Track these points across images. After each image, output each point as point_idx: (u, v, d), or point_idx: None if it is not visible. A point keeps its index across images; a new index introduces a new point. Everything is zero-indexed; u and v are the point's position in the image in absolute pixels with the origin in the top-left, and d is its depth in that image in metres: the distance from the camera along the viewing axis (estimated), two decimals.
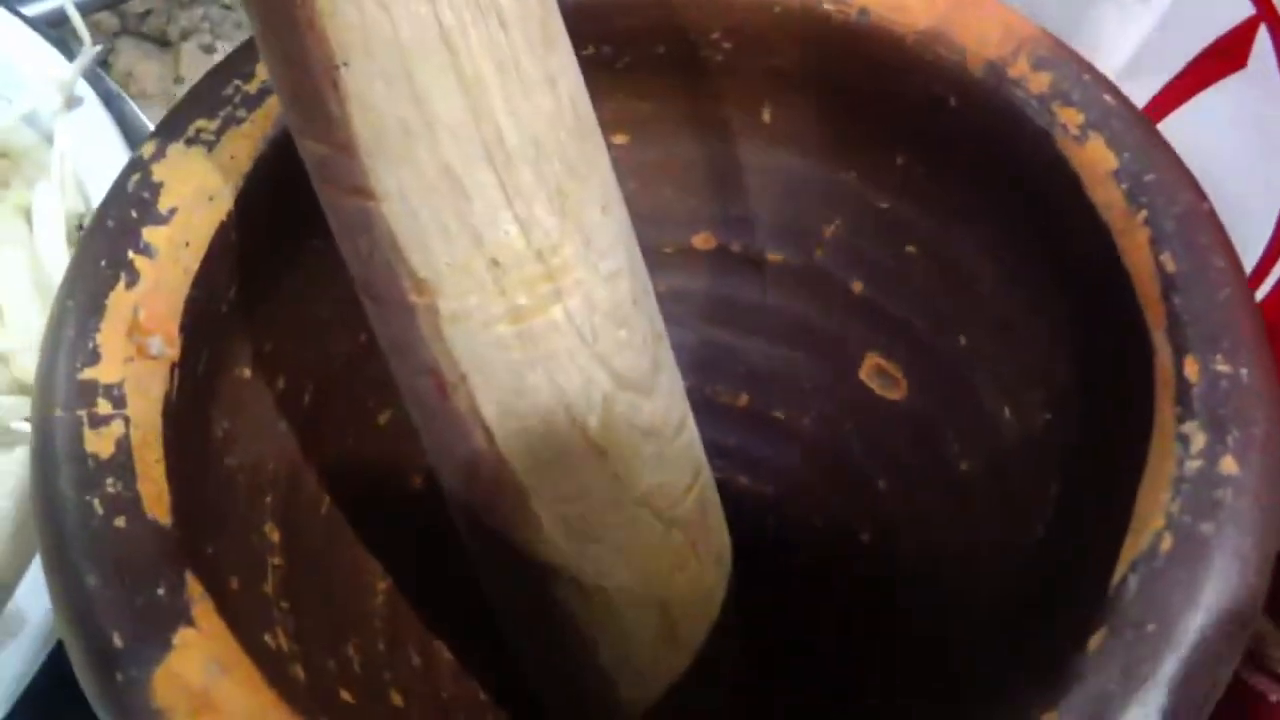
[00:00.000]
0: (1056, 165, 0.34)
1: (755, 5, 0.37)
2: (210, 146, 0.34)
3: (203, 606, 0.28)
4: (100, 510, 0.29)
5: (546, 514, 0.34)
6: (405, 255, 0.30)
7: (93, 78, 0.44)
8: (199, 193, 0.33)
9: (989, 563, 0.38)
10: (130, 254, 0.32)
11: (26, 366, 0.39)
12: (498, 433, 0.33)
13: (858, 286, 0.41)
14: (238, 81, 0.35)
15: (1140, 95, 0.42)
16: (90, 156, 0.43)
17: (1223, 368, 0.30)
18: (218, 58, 0.58)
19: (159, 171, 0.33)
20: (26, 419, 0.39)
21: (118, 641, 0.27)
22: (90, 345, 0.31)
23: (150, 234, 0.32)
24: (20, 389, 0.40)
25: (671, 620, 0.38)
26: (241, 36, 0.61)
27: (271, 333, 0.37)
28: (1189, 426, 0.30)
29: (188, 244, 0.33)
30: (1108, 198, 0.33)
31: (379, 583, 0.40)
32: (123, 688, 0.27)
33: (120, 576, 0.28)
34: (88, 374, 0.30)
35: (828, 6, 0.37)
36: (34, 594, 0.36)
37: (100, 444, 0.30)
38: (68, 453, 0.30)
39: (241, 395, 0.35)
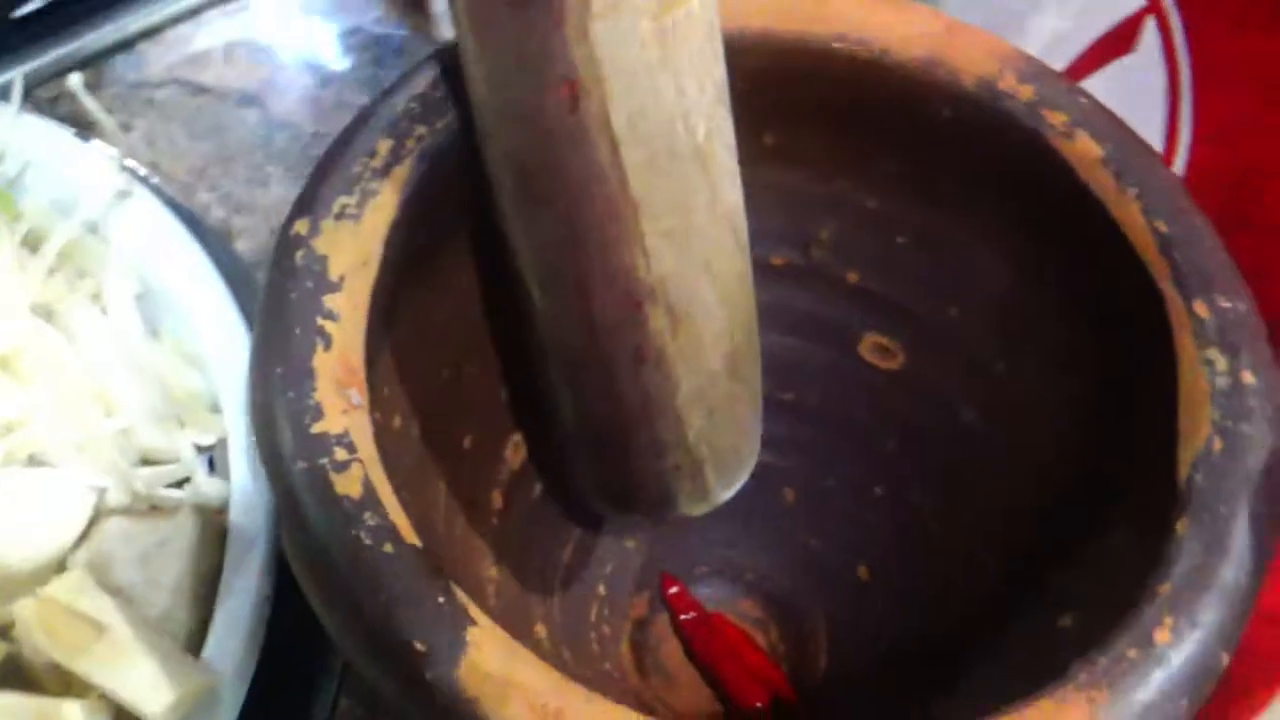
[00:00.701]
0: (1049, 157, 0.41)
1: (765, 49, 0.44)
2: (356, 220, 0.38)
3: (475, 608, 0.33)
4: (368, 541, 0.33)
5: (652, 230, 0.37)
6: None
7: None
8: (356, 260, 0.38)
9: (1005, 494, 0.46)
10: (319, 320, 0.36)
11: (146, 439, 0.43)
12: (623, 141, 0.36)
13: (853, 277, 0.48)
14: (365, 158, 0.39)
15: None
16: (141, 239, 0.46)
17: (1224, 304, 0.38)
18: (136, 136, 0.62)
19: (321, 246, 0.37)
20: (168, 485, 0.42)
21: (420, 647, 0.32)
22: (312, 403, 0.35)
23: (330, 301, 0.37)
24: (145, 459, 0.43)
25: (734, 342, 0.42)
26: (153, 113, 0.65)
27: (387, 379, 0.41)
28: (1211, 353, 0.38)
29: (356, 307, 0.37)
30: (1100, 180, 0.41)
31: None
32: (434, 685, 0.32)
33: (405, 594, 0.33)
34: (317, 428, 0.35)
35: (838, 46, 0.43)
36: (221, 645, 0.39)
37: (349, 486, 0.34)
38: (321, 497, 0.34)
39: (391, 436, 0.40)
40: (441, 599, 0.33)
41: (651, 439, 0.42)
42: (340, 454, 0.35)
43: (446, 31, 0.86)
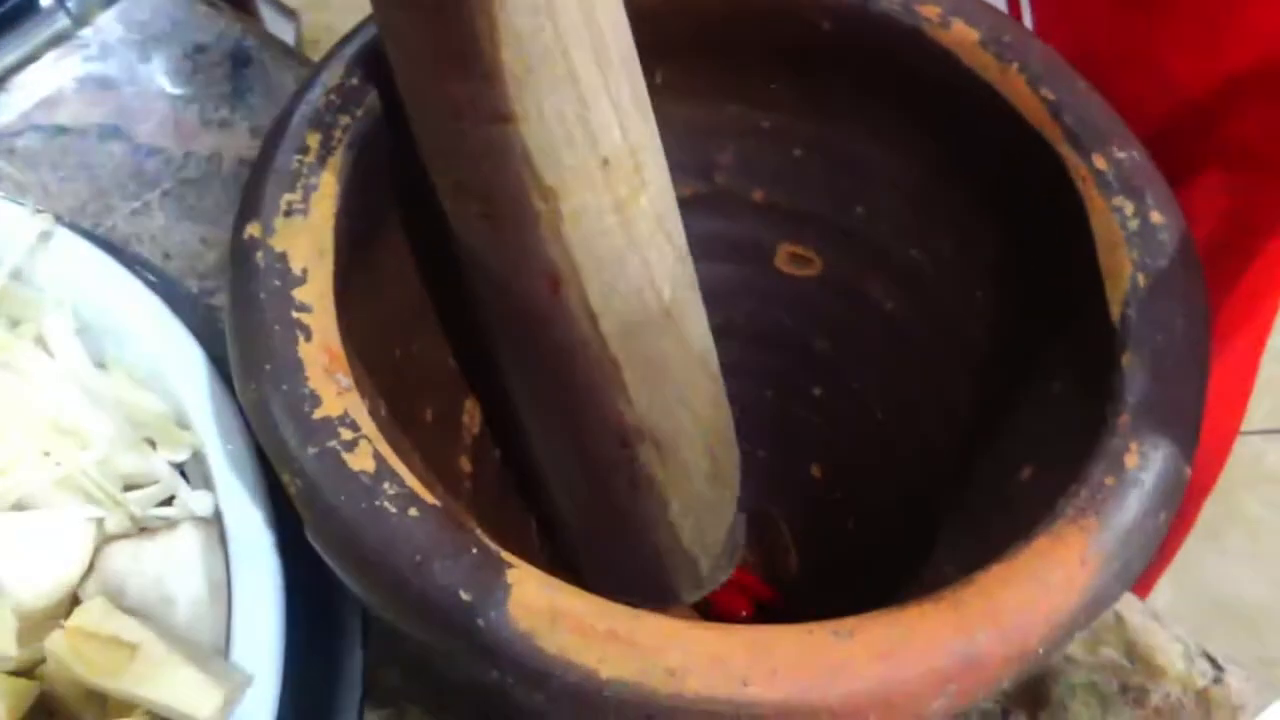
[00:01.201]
0: (931, 49, 0.44)
1: None
2: (305, 214, 0.39)
3: (506, 552, 0.35)
4: (393, 510, 0.35)
5: (633, 380, 0.43)
6: (536, 167, 0.37)
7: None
8: (313, 251, 0.39)
9: (941, 369, 0.49)
10: (294, 313, 0.38)
11: (124, 466, 0.43)
12: (600, 314, 0.41)
13: (759, 195, 0.51)
14: (298, 155, 0.40)
15: None
16: (69, 276, 0.47)
17: (1120, 154, 0.42)
18: (7, 187, 0.62)
19: (278, 243, 0.39)
20: (160, 504, 0.43)
21: (467, 596, 0.34)
22: (307, 391, 0.36)
23: (300, 293, 0.38)
24: (127, 485, 0.44)
25: (715, 459, 0.47)
26: (18, 161, 0.64)
27: (350, 363, 0.42)
28: (1118, 200, 0.41)
29: (322, 295, 0.39)
30: (981, 61, 0.44)
31: None
32: (488, 630, 0.33)
33: (440, 551, 0.34)
34: (319, 414, 0.36)
35: None
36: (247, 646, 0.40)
37: (362, 462, 0.36)
38: (338, 478, 0.35)
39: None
40: (475, 549, 0.35)
41: (650, 546, 0.47)
42: (346, 434, 0.36)
43: (274, 28, 0.87)
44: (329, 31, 1.81)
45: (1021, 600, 0.34)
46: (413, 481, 0.36)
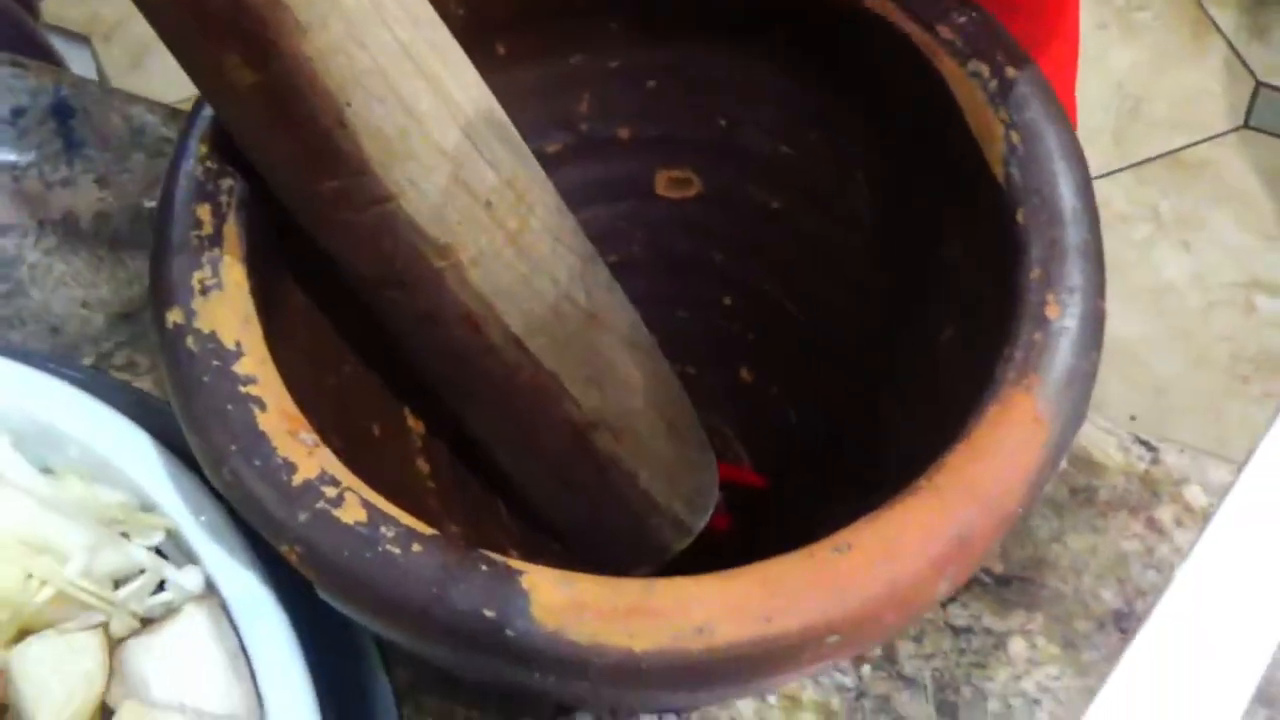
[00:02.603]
0: None
1: None
2: (220, 288, 0.40)
3: (510, 553, 0.37)
4: (397, 551, 0.36)
5: (575, 383, 0.45)
6: (427, 232, 0.40)
7: None
8: (239, 322, 0.40)
9: (839, 253, 0.50)
10: (241, 389, 0.38)
11: (105, 566, 0.44)
12: (526, 337, 0.43)
13: (625, 132, 0.52)
14: (193, 231, 0.41)
15: None
16: None
17: (961, 19, 0.43)
18: None
19: (204, 324, 0.39)
20: (155, 591, 0.44)
21: (490, 613, 0.35)
22: (279, 461, 0.37)
23: (240, 368, 0.39)
24: (115, 582, 0.44)
25: (669, 421, 0.49)
26: None
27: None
28: (972, 64, 0.43)
29: (261, 361, 0.39)
30: None
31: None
32: (519, 637, 0.35)
33: (452, 577, 0.36)
34: (298, 479, 0.37)
35: None
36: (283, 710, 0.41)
37: (354, 513, 0.37)
38: (336, 535, 0.36)
39: None
40: (485, 566, 0.36)
41: (629, 514, 0.49)
42: (330, 491, 0.37)
43: (75, 64, 0.85)
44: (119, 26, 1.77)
45: (993, 471, 0.37)
46: (405, 517, 0.37)
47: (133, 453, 0.45)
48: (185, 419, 0.39)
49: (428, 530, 0.37)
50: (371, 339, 0.47)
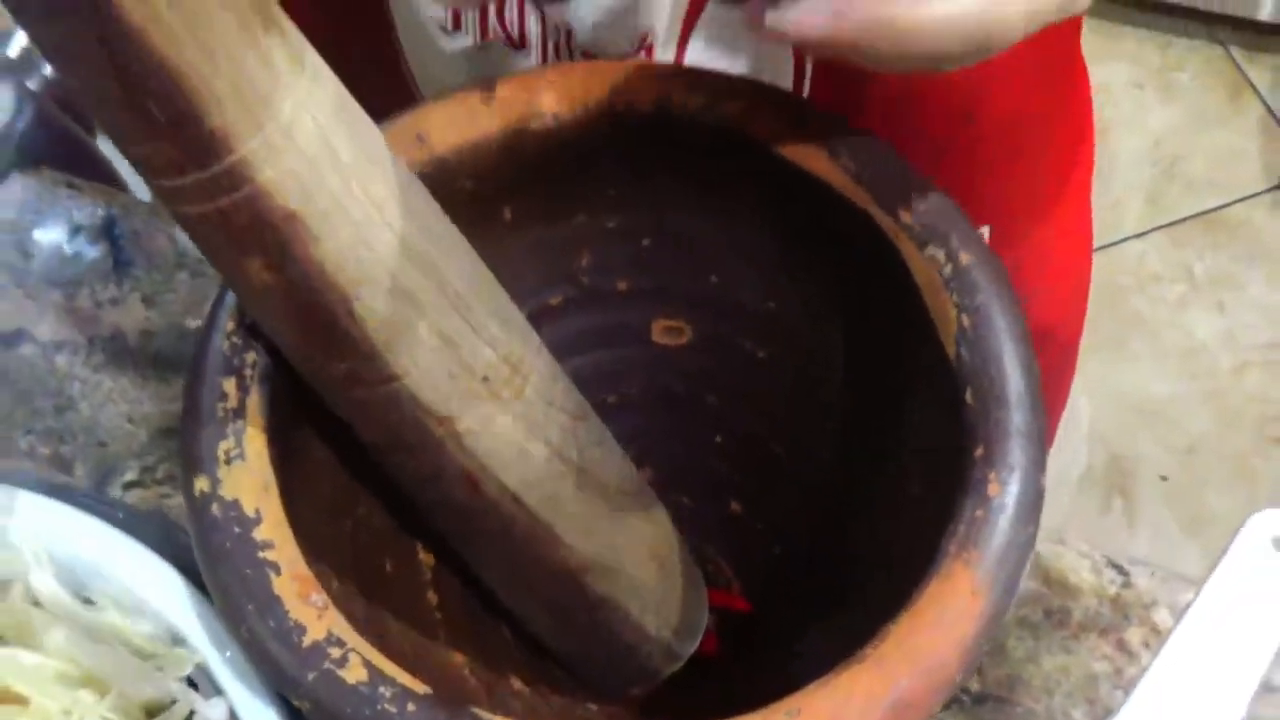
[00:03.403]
0: (736, 140, 0.49)
1: (477, 153, 0.51)
2: (242, 459, 0.44)
3: (514, 678, 0.41)
4: (394, 709, 0.40)
5: (568, 532, 0.49)
6: (428, 406, 0.44)
7: None
8: (259, 489, 0.44)
9: (817, 404, 0.54)
10: (259, 554, 0.43)
11: (139, 695, 0.48)
12: (523, 495, 0.47)
13: (623, 285, 0.56)
14: (220, 403, 0.45)
15: None
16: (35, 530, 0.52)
17: (922, 206, 0.47)
18: None
19: (227, 493, 0.44)
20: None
21: None
22: (291, 623, 0.42)
23: (259, 533, 0.43)
24: (148, 712, 0.49)
25: (660, 559, 0.53)
26: None
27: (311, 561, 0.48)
28: (930, 250, 0.47)
29: (278, 525, 0.44)
30: (784, 144, 0.49)
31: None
32: None
33: None
34: (307, 641, 0.41)
35: (533, 126, 0.50)
36: None
37: (356, 674, 0.41)
38: (340, 694, 0.41)
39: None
40: (481, 711, 0.40)
41: (621, 643, 0.53)
42: (335, 652, 0.41)
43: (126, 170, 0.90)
44: None
45: (932, 642, 0.40)
46: (404, 677, 0.41)
47: (165, 590, 0.50)
48: (209, 578, 0.43)
49: (422, 689, 0.41)
50: (385, 483, 0.52)
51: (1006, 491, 0.42)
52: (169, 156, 0.37)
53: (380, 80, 0.65)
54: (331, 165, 0.39)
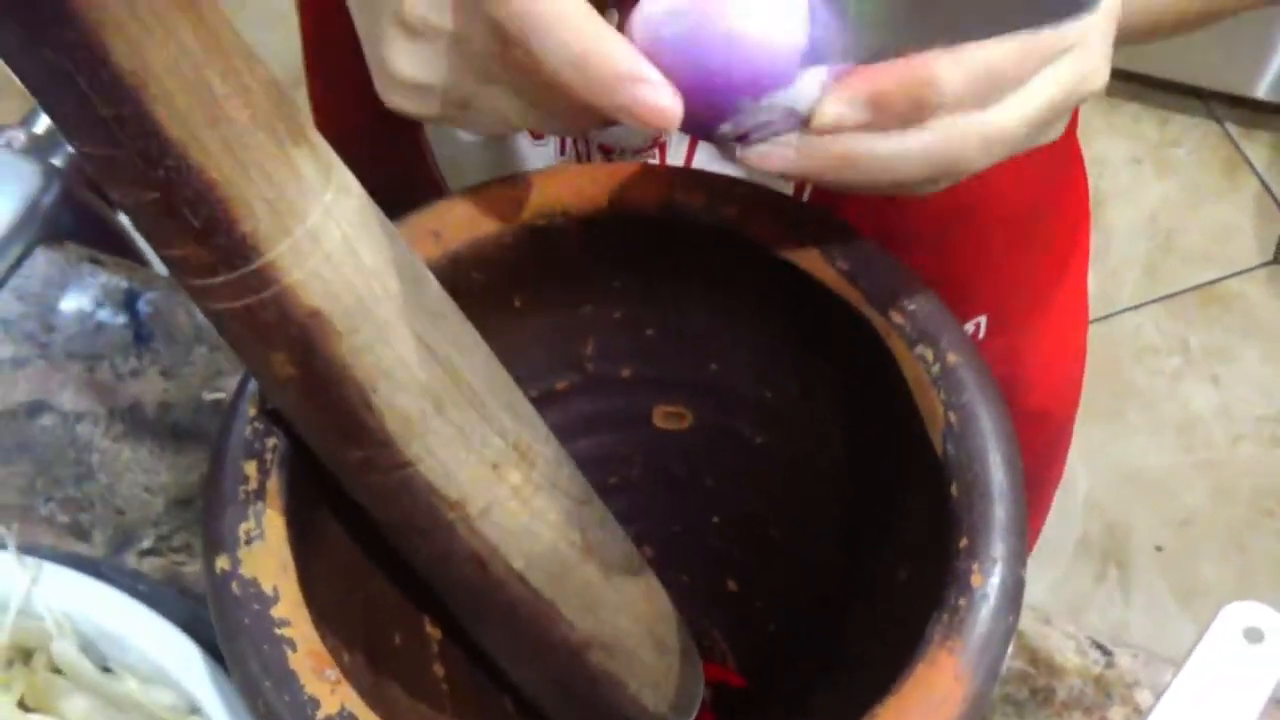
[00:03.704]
0: (734, 240, 0.52)
1: (487, 247, 0.53)
2: (262, 539, 0.47)
3: None
4: None
5: (571, 610, 0.51)
6: (441, 491, 0.46)
7: None
8: (277, 569, 0.46)
9: (811, 488, 0.57)
10: (276, 630, 0.45)
11: None
12: (529, 575, 0.49)
13: (626, 372, 0.58)
14: (241, 486, 0.47)
15: None
16: (65, 604, 0.54)
17: (912, 306, 0.50)
18: None
19: (247, 571, 0.46)
20: None
21: None
22: (305, 697, 0.44)
23: (276, 611, 0.45)
24: None
25: (658, 637, 0.55)
26: None
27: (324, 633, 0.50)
28: (919, 349, 0.49)
29: (295, 604, 0.46)
30: (781, 244, 0.51)
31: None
32: None
33: None
34: (322, 715, 0.44)
35: (538, 223, 0.53)
36: None
37: None
38: None
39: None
40: None
41: (621, 717, 0.55)
42: None
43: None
44: None
45: None
46: None
47: (183, 661, 0.52)
48: (228, 653, 0.46)
49: None
50: (396, 561, 0.54)
51: (989, 582, 0.45)
52: (202, 259, 0.40)
53: (401, 153, 0.68)
54: (355, 268, 0.41)
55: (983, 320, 0.71)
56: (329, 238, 0.41)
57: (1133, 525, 1.78)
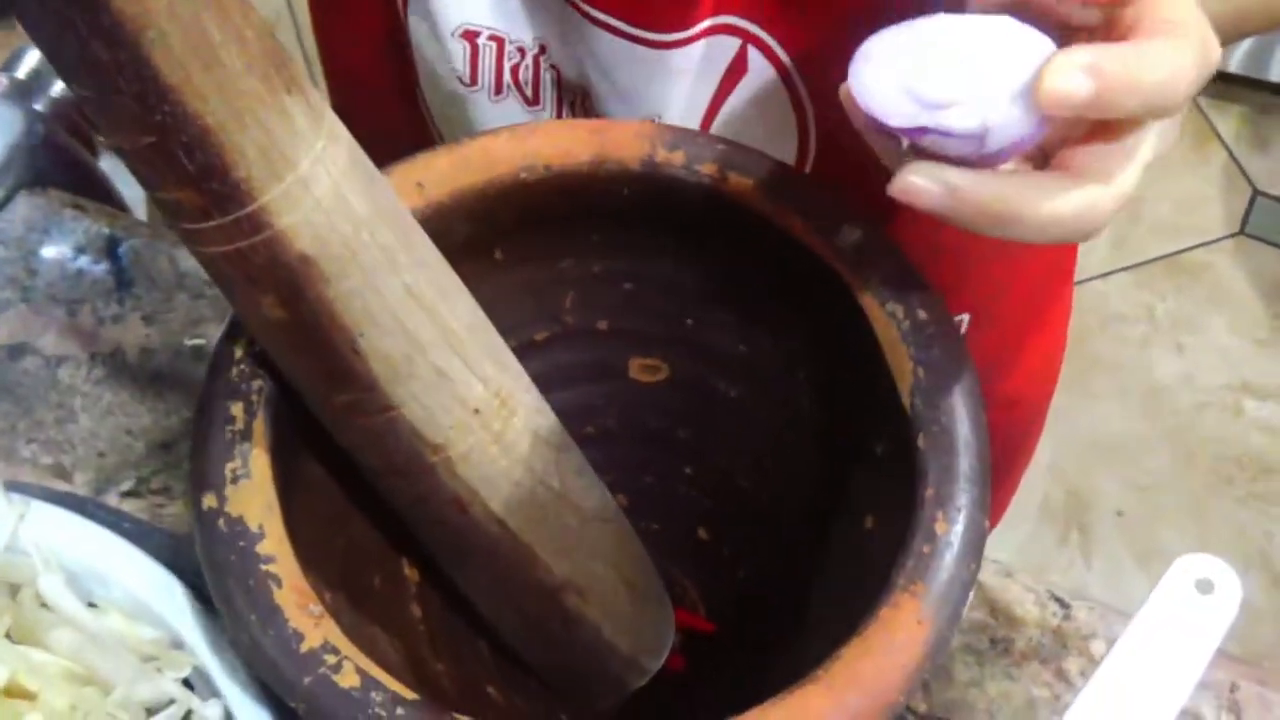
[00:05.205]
0: (713, 198, 0.53)
1: (471, 196, 0.54)
2: (248, 477, 0.48)
3: (490, 689, 0.45)
4: (384, 714, 0.44)
5: (548, 554, 0.53)
6: (423, 435, 0.48)
7: None
8: (263, 508, 0.47)
9: (783, 441, 0.58)
10: (262, 567, 0.46)
11: (141, 695, 0.52)
12: (508, 519, 0.51)
13: (603, 325, 0.60)
14: (228, 426, 0.49)
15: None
16: (52, 540, 0.55)
17: (884, 264, 0.51)
18: None
19: (233, 509, 0.47)
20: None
21: None
22: (290, 630, 0.45)
23: (262, 548, 0.47)
24: (149, 711, 0.52)
25: (631, 583, 0.57)
26: None
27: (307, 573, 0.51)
28: (890, 306, 0.50)
29: (280, 541, 0.47)
30: (759, 202, 0.53)
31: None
32: None
33: None
34: (305, 647, 0.45)
35: (523, 176, 0.54)
36: None
37: (349, 680, 0.44)
38: (333, 698, 0.44)
39: None
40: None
41: (594, 659, 0.57)
42: (330, 659, 0.45)
43: (124, 188, 0.93)
44: None
45: (879, 665, 0.44)
46: (393, 683, 0.45)
47: (167, 597, 0.53)
48: (214, 588, 0.47)
49: (410, 695, 0.44)
50: (377, 505, 0.55)
51: (953, 530, 0.46)
52: (195, 203, 0.41)
53: (401, 110, 0.69)
54: (344, 215, 0.43)
55: (965, 318, 0.73)
56: (319, 185, 0.42)
57: (1096, 491, 1.80)
